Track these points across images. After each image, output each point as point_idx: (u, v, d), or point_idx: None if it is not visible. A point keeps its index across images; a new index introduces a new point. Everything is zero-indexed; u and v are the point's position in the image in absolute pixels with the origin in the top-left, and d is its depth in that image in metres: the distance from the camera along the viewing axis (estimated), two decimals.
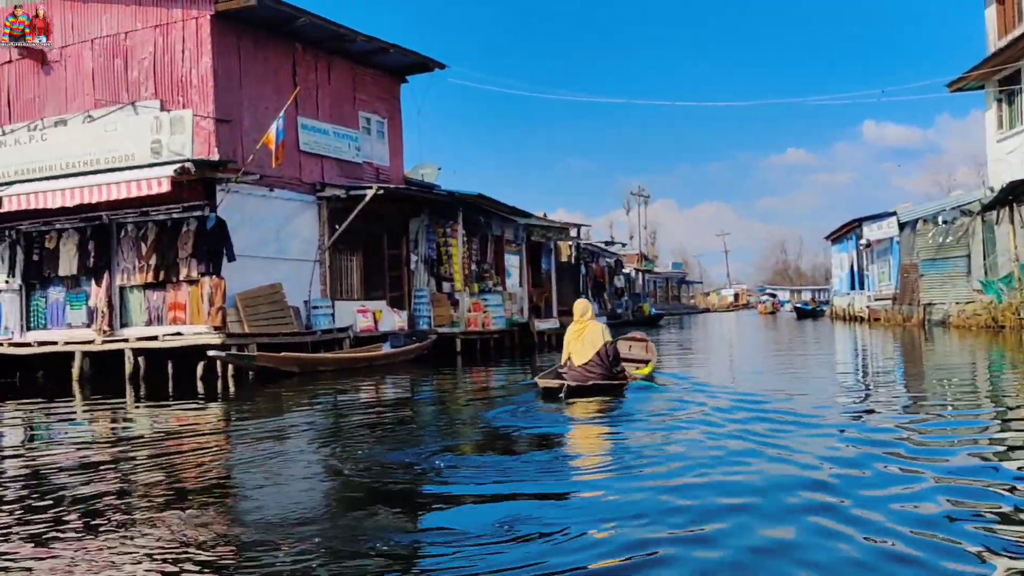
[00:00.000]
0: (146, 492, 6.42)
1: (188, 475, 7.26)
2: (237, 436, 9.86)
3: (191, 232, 17.65)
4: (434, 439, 8.50)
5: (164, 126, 16.76)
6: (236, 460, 8.03)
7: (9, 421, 12.78)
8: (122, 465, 7.85)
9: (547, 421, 9.34)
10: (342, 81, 21.09)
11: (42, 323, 19.17)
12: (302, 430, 9.96)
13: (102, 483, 6.91)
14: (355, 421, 10.45)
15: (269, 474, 7.13)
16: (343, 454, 7.84)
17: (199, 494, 6.34)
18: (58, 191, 16.99)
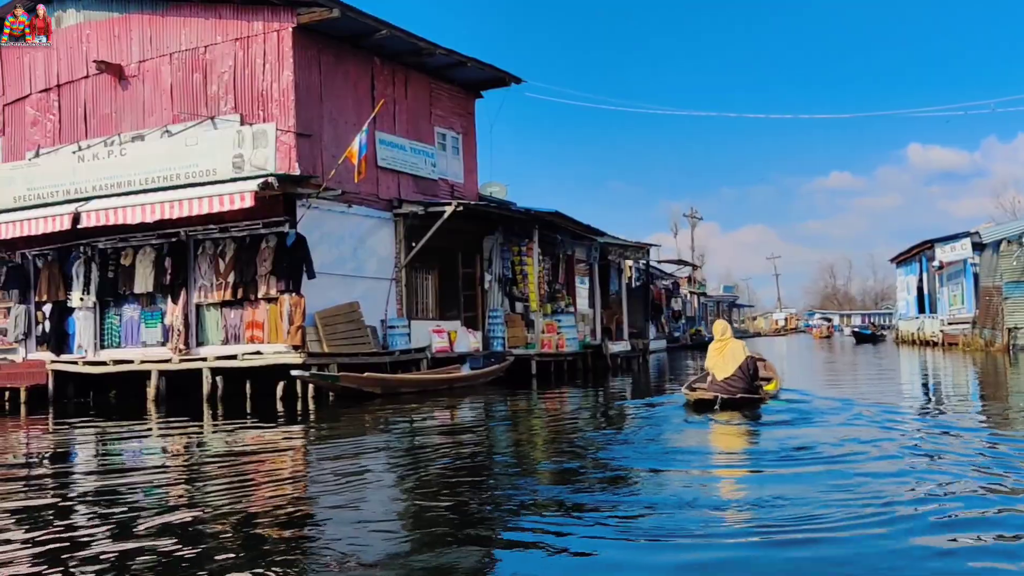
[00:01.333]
0: (221, 517, 6.09)
1: (264, 501, 6.82)
2: (319, 460, 9.42)
3: (270, 249, 17.22)
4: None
5: (246, 140, 16.38)
6: (316, 486, 7.64)
7: (86, 441, 12.37)
8: (200, 488, 7.56)
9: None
10: (419, 96, 20.65)
11: (116, 341, 18.83)
12: (396, 456, 9.40)
13: (182, 509, 6.59)
14: (448, 446, 9.84)
15: (349, 503, 6.73)
16: (440, 484, 7.32)
17: (273, 523, 5.98)
18: (138, 207, 16.67)
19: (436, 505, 6.42)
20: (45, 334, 19.53)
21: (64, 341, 19.40)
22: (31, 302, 19.81)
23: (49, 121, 20.07)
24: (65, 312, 19.36)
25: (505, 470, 8.12)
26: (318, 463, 9.10)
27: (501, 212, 20.54)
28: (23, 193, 18.59)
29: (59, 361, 18.56)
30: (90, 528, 5.95)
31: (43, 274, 19.53)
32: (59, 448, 11.62)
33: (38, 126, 20.23)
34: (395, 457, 9.24)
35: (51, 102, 20.07)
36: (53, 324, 19.39)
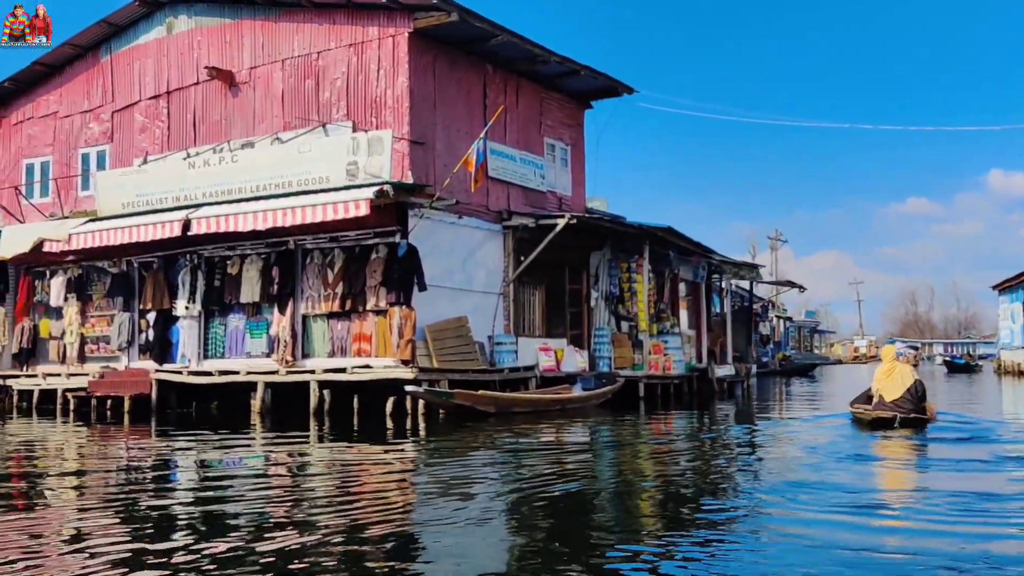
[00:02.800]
0: (324, 537, 5.68)
1: (370, 523, 6.22)
2: (431, 481, 8.71)
3: (381, 259, 16.68)
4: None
5: (361, 147, 15.88)
6: (425, 508, 7.02)
7: (193, 453, 11.87)
8: (306, 505, 7.15)
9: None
10: (529, 105, 20.01)
11: (220, 352, 18.48)
12: (512, 481, 8.56)
13: (286, 527, 6.15)
14: (570, 473, 8.99)
15: (456, 528, 6.03)
16: (563, 516, 6.55)
17: (376, 548, 5.44)
18: (249, 214, 16.30)
19: (558, 545, 5.55)
20: (148, 343, 19.29)
21: (167, 350, 19.13)
22: (135, 310, 19.62)
23: (158, 128, 19.94)
24: (169, 321, 19.10)
25: (650, 506, 7.24)
26: (430, 484, 8.47)
27: (613, 226, 19.73)
28: (132, 199, 18.42)
29: (163, 370, 18.26)
30: (191, 545, 5.53)
31: (148, 282, 19.31)
32: (165, 459, 11.13)
33: (147, 133, 20.12)
34: (512, 483, 8.44)
35: (160, 109, 19.93)
36: (157, 333, 19.14)
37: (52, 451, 12.20)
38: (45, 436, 14.39)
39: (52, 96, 21.77)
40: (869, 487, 7.83)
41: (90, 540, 5.72)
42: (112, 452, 11.95)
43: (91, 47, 21.01)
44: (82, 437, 14.19)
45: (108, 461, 10.95)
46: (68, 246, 18.39)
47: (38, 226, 19.83)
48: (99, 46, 20.92)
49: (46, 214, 21.13)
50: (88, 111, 21.14)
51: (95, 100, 21.02)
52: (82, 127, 21.25)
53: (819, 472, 8.26)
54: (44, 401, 19.94)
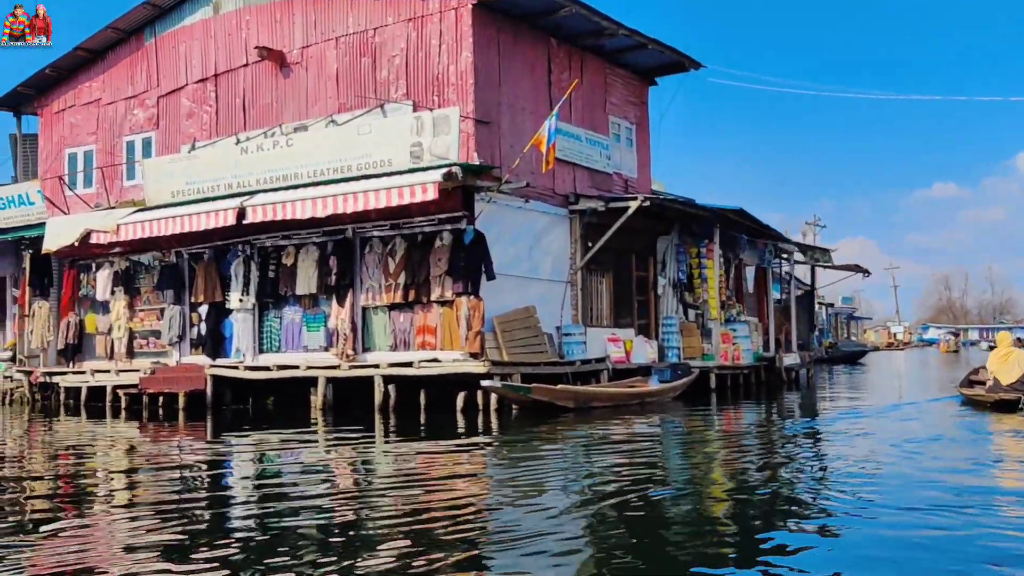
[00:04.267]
0: (394, 542, 5.41)
1: (443, 528, 5.80)
2: (514, 485, 7.89)
3: (446, 247, 15.75)
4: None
5: (426, 127, 14.92)
6: (498, 518, 6.29)
7: (254, 454, 11.07)
8: (376, 508, 6.76)
9: None
10: (594, 82, 18.97)
11: (276, 346, 17.65)
12: (600, 485, 7.67)
13: (357, 538, 5.80)
14: (672, 476, 8.02)
15: (533, 537, 5.45)
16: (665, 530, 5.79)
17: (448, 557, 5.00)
18: (308, 200, 15.40)
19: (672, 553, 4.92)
20: (200, 337, 18.50)
21: (220, 344, 18.34)
22: (186, 303, 18.84)
23: (205, 113, 19.12)
24: (222, 314, 18.29)
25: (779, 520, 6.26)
26: (517, 488, 7.68)
27: (685, 209, 18.65)
28: (181, 187, 17.60)
29: (218, 366, 17.45)
30: (256, 558, 5.18)
31: (199, 274, 18.51)
32: (228, 460, 10.32)
33: (194, 118, 19.30)
34: (608, 485, 7.58)
35: (208, 93, 19.11)
36: (209, 326, 18.34)
37: (110, 451, 11.40)
38: (100, 435, 13.61)
39: (95, 83, 21.01)
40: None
41: (149, 552, 5.38)
42: (174, 452, 11.14)
43: (134, 30, 20.21)
44: (139, 436, 13.41)
45: (170, 462, 10.13)
46: (117, 237, 17.61)
47: (84, 217, 19.07)
48: (143, 29, 20.12)
49: (91, 205, 20.39)
50: (132, 97, 20.36)
51: (139, 85, 20.23)
52: (126, 114, 20.48)
53: None
54: (92, 398, 19.24)
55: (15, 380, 21.24)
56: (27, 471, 9.79)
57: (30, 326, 21.33)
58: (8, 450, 12.14)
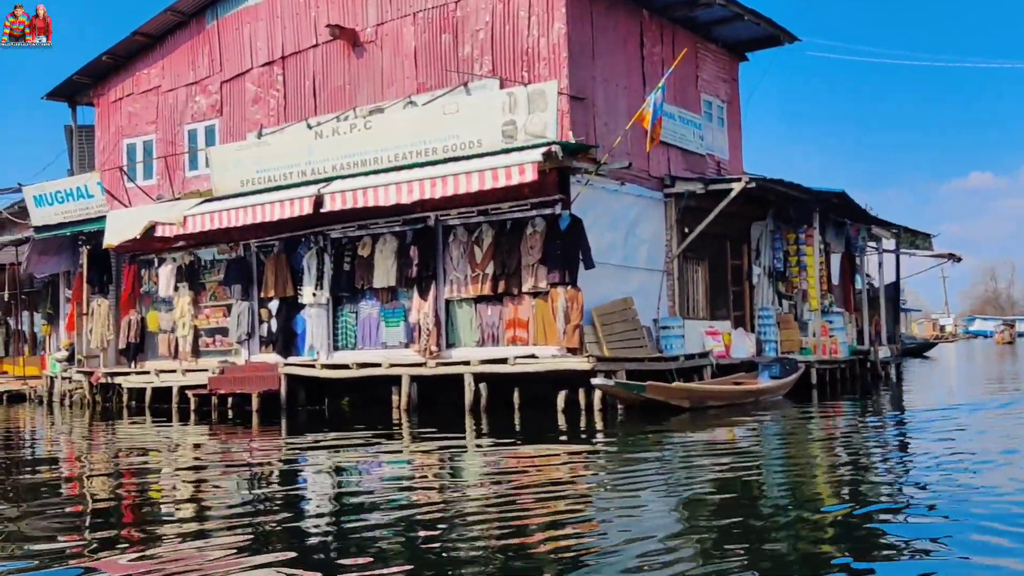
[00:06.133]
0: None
1: (548, 548, 5.14)
2: (625, 495, 6.86)
3: (538, 234, 14.58)
4: None
5: (519, 104, 13.74)
6: (609, 536, 5.46)
7: (330, 459, 10.01)
8: (472, 522, 5.95)
9: None
10: (685, 57, 17.65)
11: (352, 342, 16.58)
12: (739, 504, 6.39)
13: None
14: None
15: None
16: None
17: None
18: (391, 186, 14.31)
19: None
20: (271, 334, 17.49)
21: (292, 342, 17.32)
22: (254, 299, 17.82)
23: (272, 97, 18.08)
24: (293, 309, 17.27)
25: None
26: (633, 500, 6.66)
27: (789, 192, 17.30)
28: (251, 176, 16.57)
29: (292, 364, 16.42)
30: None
31: (268, 268, 17.48)
32: (312, 467, 9.24)
33: (260, 103, 18.28)
34: (757, 500, 6.36)
35: (275, 76, 18.07)
36: (280, 323, 17.32)
37: (189, 457, 10.33)
38: (173, 439, 12.58)
39: (154, 69, 20.07)
40: None
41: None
42: (252, 458, 10.07)
43: (195, 13, 19.23)
44: (214, 440, 12.36)
45: (248, 468, 9.07)
46: (184, 229, 16.64)
47: (147, 209, 18.12)
48: (204, 11, 19.13)
49: (152, 197, 19.45)
50: (194, 83, 19.39)
51: (201, 71, 19.25)
52: (188, 101, 19.52)
53: None
54: (157, 400, 18.30)
55: (74, 381, 20.39)
56: (104, 477, 8.76)
57: (89, 325, 20.47)
58: (81, 455, 11.15)
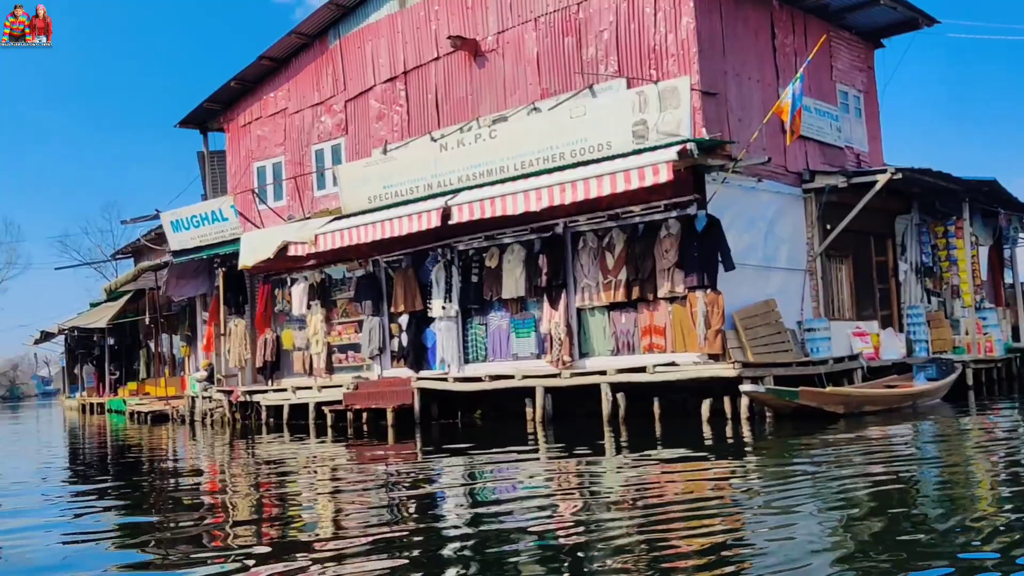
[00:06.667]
0: None
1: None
2: (776, 514, 6.31)
3: (672, 236, 14.07)
4: None
5: (650, 102, 13.30)
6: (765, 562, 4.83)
7: (459, 472, 9.73)
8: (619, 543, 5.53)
9: None
10: (819, 47, 16.88)
11: (482, 355, 16.40)
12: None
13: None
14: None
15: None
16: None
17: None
18: (519, 194, 14.04)
19: None
20: (402, 348, 17.49)
21: (422, 355, 17.27)
22: (384, 314, 17.87)
23: (396, 113, 18.15)
24: (423, 323, 17.22)
25: None
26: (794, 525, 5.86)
27: (936, 183, 16.28)
28: (378, 192, 16.63)
29: (424, 378, 16.35)
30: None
31: (397, 282, 17.50)
32: (454, 482, 8.92)
33: (384, 120, 18.37)
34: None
35: (397, 92, 18.13)
36: (410, 337, 17.30)
37: (343, 473, 10.23)
38: (324, 455, 12.58)
39: (279, 92, 20.48)
40: None
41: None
42: (399, 474, 9.87)
43: (318, 34, 19.54)
44: (357, 456, 12.30)
45: (399, 486, 8.83)
46: (315, 247, 16.79)
47: (279, 230, 18.43)
48: (326, 32, 19.41)
49: (283, 217, 19.80)
50: (319, 104, 19.67)
51: (326, 91, 19.52)
52: (314, 122, 19.82)
53: None
54: (294, 416, 18.55)
55: (215, 400, 20.91)
56: (246, 493, 8.72)
57: (226, 345, 20.99)
58: (224, 471, 11.24)
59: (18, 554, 6.23)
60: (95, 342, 36.68)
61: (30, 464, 14.03)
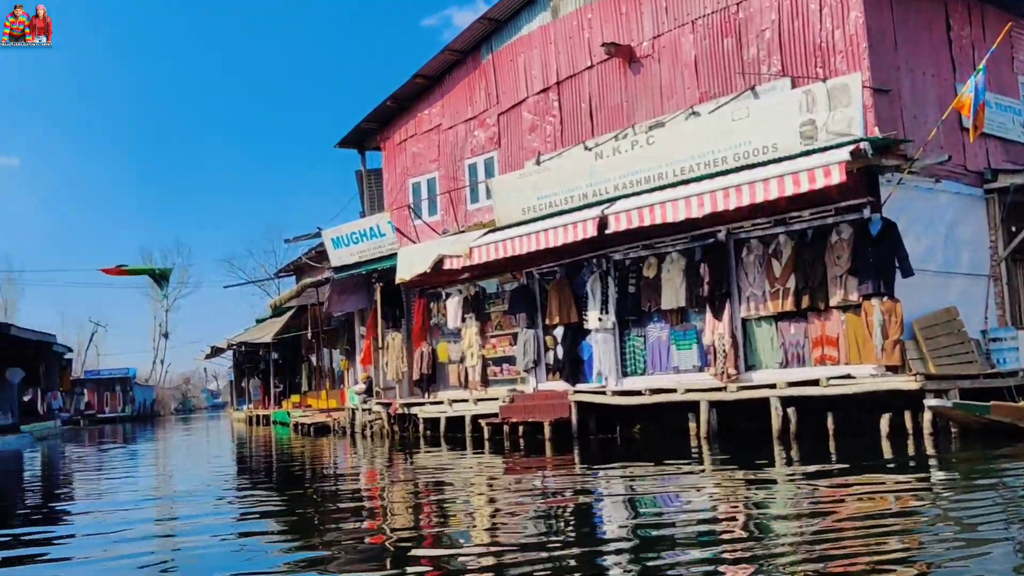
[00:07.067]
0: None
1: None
2: (965, 538, 5.68)
3: (844, 242, 13.35)
4: None
5: (818, 101, 12.68)
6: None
7: (620, 487, 9.33)
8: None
9: None
10: (996, 37, 15.72)
11: (640, 368, 16.02)
12: None
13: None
14: None
15: None
16: None
17: None
18: (679, 200, 13.64)
19: None
20: (557, 361, 17.32)
21: (578, 368, 17.04)
22: (539, 326, 17.74)
23: (549, 124, 18.06)
24: (579, 335, 17.00)
25: None
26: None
27: None
28: (532, 204, 16.57)
29: (582, 391, 16.10)
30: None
31: (552, 294, 17.36)
32: (617, 499, 8.52)
33: (536, 131, 18.32)
34: None
35: (550, 102, 18.05)
36: (566, 349, 17.11)
37: (514, 491, 10.10)
38: (469, 468, 12.52)
39: (434, 109, 20.77)
40: None
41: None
42: (559, 489, 9.61)
43: (470, 50, 19.72)
44: (510, 469, 12.15)
45: (559, 500, 8.56)
46: (471, 260, 16.86)
47: (435, 244, 18.64)
48: (479, 47, 19.57)
49: (438, 232, 20.04)
50: (472, 118, 19.83)
51: (479, 106, 19.66)
52: (467, 136, 19.99)
53: None
54: (451, 429, 18.65)
55: (374, 412, 21.30)
56: (407, 504, 8.67)
57: (384, 358, 21.37)
58: (385, 483, 11.30)
59: (194, 556, 6.39)
60: (261, 356, 38.29)
61: (203, 472, 14.59)
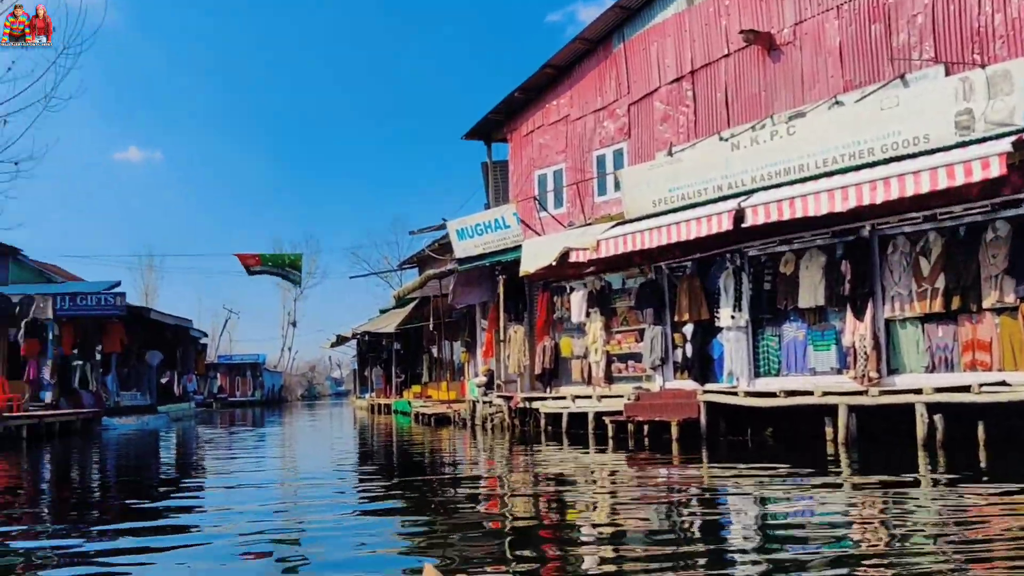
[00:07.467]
0: None
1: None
2: None
3: (1000, 239, 12.42)
4: None
5: (976, 90, 11.84)
6: None
7: (753, 493, 8.74)
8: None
9: None
10: None
11: (774, 368, 15.36)
12: None
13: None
14: None
15: None
16: None
17: None
18: (821, 193, 12.97)
19: None
20: (686, 359, 16.81)
21: (708, 367, 16.49)
22: (667, 323, 17.26)
23: (681, 114, 17.54)
24: (709, 333, 16.45)
25: None
26: None
27: None
28: (663, 196, 16.12)
29: (711, 391, 15.56)
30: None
31: (681, 290, 16.86)
32: (750, 505, 8.00)
33: (669, 121, 17.82)
34: None
35: (683, 92, 17.52)
36: (696, 348, 16.59)
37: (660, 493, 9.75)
38: (592, 465, 12.19)
39: (562, 100, 20.51)
40: None
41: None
42: (686, 491, 9.18)
43: (601, 39, 19.35)
44: (635, 469, 11.77)
45: (685, 504, 8.13)
46: (597, 253, 16.53)
47: (560, 236, 18.38)
48: (610, 36, 19.18)
49: (564, 224, 19.77)
50: (601, 109, 19.47)
51: (608, 96, 19.28)
52: (595, 127, 19.64)
53: None
54: (573, 425, 18.34)
55: (495, 405, 21.22)
56: (526, 499, 8.41)
57: (506, 351, 21.25)
58: (505, 477, 11.10)
59: (317, 546, 6.34)
60: (383, 346, 38.91)
61: (327, 456, 14.73)
